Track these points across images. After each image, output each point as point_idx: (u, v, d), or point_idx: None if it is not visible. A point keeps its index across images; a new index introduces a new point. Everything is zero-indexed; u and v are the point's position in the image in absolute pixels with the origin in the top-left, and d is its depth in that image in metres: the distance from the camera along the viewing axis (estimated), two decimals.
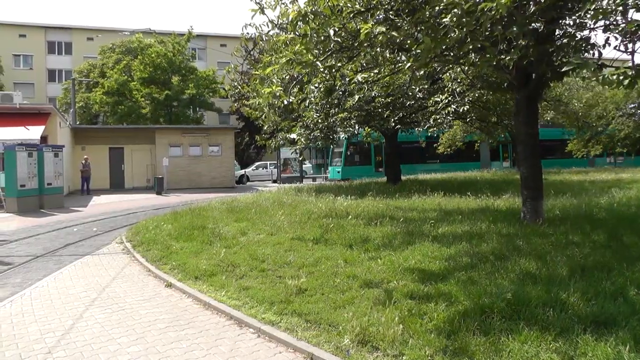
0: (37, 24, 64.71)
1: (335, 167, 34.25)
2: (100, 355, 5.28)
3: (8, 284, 8.77)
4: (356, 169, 33.16)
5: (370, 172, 32.61)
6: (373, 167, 34.27)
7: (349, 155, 33.80)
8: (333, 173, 34.36)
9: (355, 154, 34.32)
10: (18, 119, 25.03)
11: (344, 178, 31.50)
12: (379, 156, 33.65)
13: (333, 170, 34.49)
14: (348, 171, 32.89)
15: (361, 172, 31.79)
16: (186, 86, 44.41)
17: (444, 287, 5.98)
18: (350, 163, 33.81)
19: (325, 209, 12.09)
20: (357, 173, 31.56)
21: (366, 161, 34.49)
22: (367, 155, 34.53)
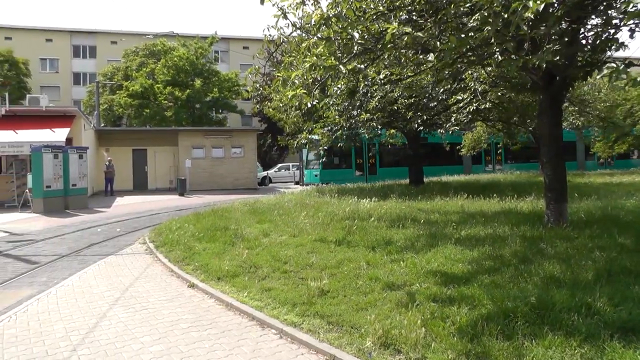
0: (63, 28, 65.78)
1: (313, 170, 32.40)
2: (124, 354, 5.34)
3: (35, 283, 8.92)
4: (336, 172, 31.48)
5: (351, 176, 31.04)
6: (354, 170, 32.49)
7: (327, 157, 31.80)
8: (310, 177, 32.60)
9: (334, 156, 32.26)
10: (44, 121, 25.42)
11: (323, 182, 29.92)
12: (360, 159, 32.48)
13: (310, 173, 32.73)
14: (327, 175, 31.15)
15: (341, 175, 30.49)
16: (209, 89, 44.70)
17: (466, 290, 5.93)
18: (329, 166, 31.98)
19: (347, 211, 12.05)
20: (336, 177, 30.10)
21: (346, 164, 32.51)
22: (348, 158, 32.35)
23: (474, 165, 35.68)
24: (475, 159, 35.74)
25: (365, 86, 12.01)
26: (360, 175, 31.43)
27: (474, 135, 28.15)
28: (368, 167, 32.51)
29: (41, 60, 63.79)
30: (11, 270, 10.05)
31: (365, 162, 32.21)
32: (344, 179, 28.59)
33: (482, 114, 19.06)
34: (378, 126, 19.73)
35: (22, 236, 14.52)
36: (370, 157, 32.51)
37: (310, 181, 32.00)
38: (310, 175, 32.39)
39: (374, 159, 32.49)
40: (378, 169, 32.60)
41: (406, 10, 7.94)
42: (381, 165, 32.80)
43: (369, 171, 32.37)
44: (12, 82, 50.69)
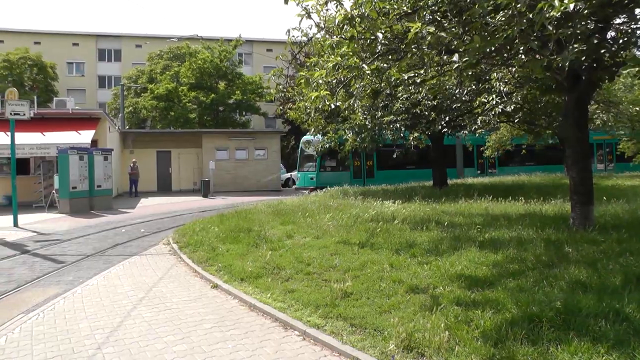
0: (89, 32, 66.77)
1: (308, 173, 30.69)
2: (147, 353, 5.38)
3: (61, 282, 9.06)
4: (332, 175, 29.90)
5: (347, 180, 28.89)
6: (351, 173, 30.72)
7: (324, 159, 30.08)
8: (305, 180, 30.93)
9: (331, 159, 30.29)
10: (70, 124, 25.85)
11: (319, 186, 28.22)
12: (357, 161, 30.74)
13: (304, 176, 31.03)
14: (324, 178, 29.59)
15: (338, 179, 28.65)
16: (232, 91, 44.96)
17: (490, 294, 5.87)
18: (326, 168, 30.32)
19: (371, 213, 12.00)
20: (333, 180, 28.37)
21: (344, 167, 30.71)
22: (345, 160, 30.20)
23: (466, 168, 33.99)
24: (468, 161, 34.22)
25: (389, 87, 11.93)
26: (357, 178, 29.94)
27: (498, 136, 27.76)
28: (366, 170, 31.11)
29: (68, 64, 64.90)
30: (39, 269, 10.24)
31: (363, 164, 30.79)
32: (342, 182, 26.94)
33: (507, 115, 18.83)
34: (402, 128, 19.57)
35: (49, 236, 14.75)
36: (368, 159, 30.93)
37: (305, 185, 30.68)
38: (305, 179, 30.92)
39: (372, 161, 30.99)
40: (376, 172, 31.22)
41: (430, 11, 7.90)
42: (379, 168, 31.29)
43: (366, 174, 31.04)
44: (40, 85, 51.66)
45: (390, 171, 29.96)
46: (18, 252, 12.13)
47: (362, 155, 29.27)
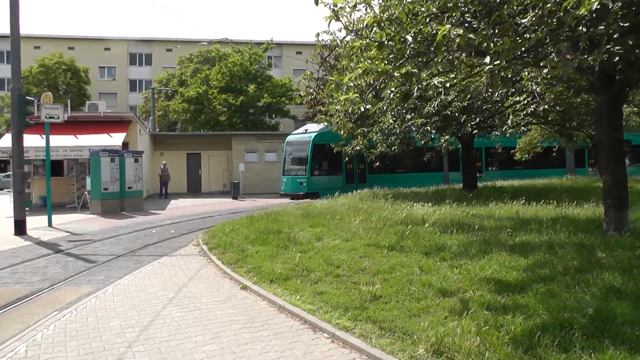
0: (120, 37, 67.91)
1: (296, 177, 27.19)
2: (177, 352, 5.43)
3: (93, 281, 9.22)
4: (324, 180, 27.15)
5: (340, 184, 26.67)
6: (344, 177, 27.97)
7: (315, 161, 27.09)
8: (292, 185, 27.35)
9: (322, 160, 27.55)
10: (102, 127, 26.30)
11: (310, 192, 26.01)
12: (350, 164, 27.78)
13: (291, 181, 27.43)
14: (315, 183, 26.78)
15: (330, 183, 26.56)
16: (262, 94, 45.20)
17: (521, 299, 5.77)
18: (317, 172, 27.28)
19: (401, 216, 11.92)
20: (325, 185, 26.40)
21: (335, 170, 27.84)
22: (337, 163, 27.50)
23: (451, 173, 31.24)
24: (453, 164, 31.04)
25: (419, 89, 11.84)
26: (350, 183, 27.23)
27: (529, 138, 27.29)
28: (358, 174, 28.60)
29: (100, 68, 66.14)
30: (72, 268, 10.45)
31: (355, 168, 28.21)
32: (334, 187, 24.98)
33: (538, 116, 18.53)
34: (432, 131, 19.36)
35: (82, 236, 15.01)
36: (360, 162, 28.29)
37: (292, 190, 27.19)
38: (292, 183, 27.34)
39: (363, 164, 28.29)
40: (367, 176, 28.60)
41: (459, 12, 7.81)
42: (371, 172, 28.59)
43: (358, 179, 28.43)
44: (74, 89, 52.66)
45: (382, 175, 27.83)
46: (52, 252, 12.40)
47: (355, 159, 26.65)
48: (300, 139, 28.03)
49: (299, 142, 27.82)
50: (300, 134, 28.70)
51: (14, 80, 16.52)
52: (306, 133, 27.94)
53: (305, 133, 28.11)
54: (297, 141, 28.19)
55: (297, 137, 28.62)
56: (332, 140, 24.13)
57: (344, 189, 23.77)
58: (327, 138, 25.56)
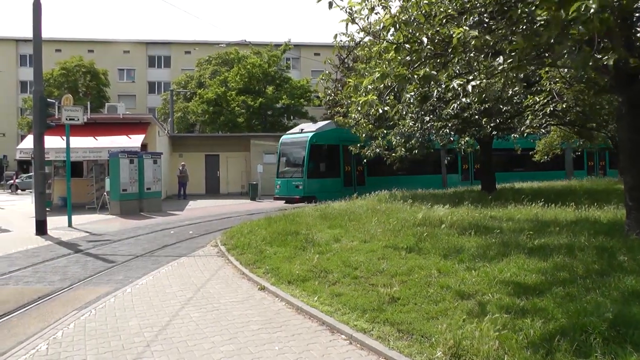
0: (139, 40, 68.64)
1: (292, 179, 25.52)
2: (195, 352, 5.46)
3: (112, 280, 9.32)
4: (322, 182, 25.35)
5: (338, 188, 25.26)
6: (342, 180, 26.28)
7: (312, 162, 25.23)
8: (287, 188, 25.67)
9: (319, 162, 25.83)
10: (121, 128, 26.56)
11: (306, 195, 24.48)
12: (348, 166, 26.36)
13: (287, 184, 25.81)
14: (312, 186, 24.95)
15: (327, 186, 24.98)
16: (280, 96, 45.31)
17: (540, 302, 5.71)
18: (315, 174, 25.38)
19: (419, 217, 11.86)
20: (322, 188, 24.69)
21: (333, 172, 26.25)
22: (335, 164, 26.16)
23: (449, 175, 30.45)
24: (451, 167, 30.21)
25: (438, 92, 11.75)
26: (348, 186, 25.82)
27: (548, 140, 26.89)
28: (356, 176, 27.08)
29: (119, 71, 66.93)
30: (91, 268, 10.57)
31: (353, 170, 26.73)
32: (332, 190, 23.98)
33: (558, 116, 18.29)
34: (451, 133, 19.19)
35: (101, 236, 15.15)
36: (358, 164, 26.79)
37: (287, 194, 25.52)
38: (287, 187, 25.64)
39: (362, 166, 26.87)
40: (366, 178, 27.28)
41: (477, 12, 7.75)
42: (370, 174, 27.40)
43: (357, 182, 26.98)
44: (93, 91, 53.30)
45: (381, 178, 26.41)
46: (72, 251, 12.54)
47: (352, 160, 25.96)
48: (296, 139, 26.47)
49: (295, 142, 26.28)
50: (295, 133, 27.14)
51: (36, 83, 16.76)
52: (302, 133, 26.33)
53: (301, 133, 26.52)
54: (292, 141, 26.70)
55: (292, 137, 27.07)
56: (330, 140, 23.89)
57: (342, 192, 22.91)
58: (325, 138, 24.86)
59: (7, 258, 11.88)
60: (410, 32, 7.12)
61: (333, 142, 24.49)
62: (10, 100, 64.07)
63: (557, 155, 28.28)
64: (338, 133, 25.26)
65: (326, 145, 24.55)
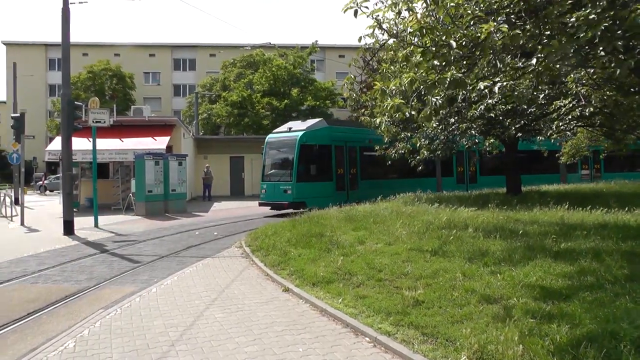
0: (165, 43, 69.50)
1: (279, 183, 22.48)
2: (219, 352, 5.49)
3: (137, 280, 9.45)
4: (313, 187, 22.36)
5: (330, 192, 22.63)
6: (334, 183, 23.30)
7: (302, 165, 22.22)
8: (274, 193, 22.57)
9: (310, 164, 22.81)
10: (147, 131, 26.87)
11: (296, 201, 21.71)
12: (341, 168, 23.54)
13: (273, 188, 22.65)
14: (302, 190, 21.88)
15: (319, 191, 22.29)
16: (305, 97, 45.37)
17: (567, 307, 5.62)
18: (305, 177, 22.28)
19: (444, 220, 11.77)
20: (313, 193, 22.02)
21: (325, 175, 23.17)
22: (326, 166, 23.20)
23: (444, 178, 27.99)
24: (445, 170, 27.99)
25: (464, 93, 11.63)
26: (341, 191, 23.37)
27: (575, 142, 26.44)
28: (349, 179, 24.25)
29: (145, 74, 67.73)
30: (117, 268, 10.71)
31: (347, 173, 23.96)
32: (324, 195, 21.87)
33: (585, 117, 17.99)
34: (476, 134, 18.96)
35: (126, 237, 15.33)
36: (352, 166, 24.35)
37: (274, 199, 22.54)
38: (274, 191, 22.62)
39: (355, 169, 24.44)
40: (360, 181, 24.81)
41: (504, 13, 7.66)
42: (363, 177, 25.00)
43: (350, 186, 24.22)
44: (119, 94, 54.07)
45: (375, 181, 24.75)
46: (98, 251, 12.71)
47: (346, 162, 23.65)
48: (284, 138, 23.47)
49: (283, 142, 23.36)
50: (283, 132, 24.13)
51: (64, 87, 17.09)
52: (291, 132, 23.38)
53: (289, 132, 23.50)
54: (280, 141, 23.67)
55: (280, 136, 24.00)
56: (321, 140, 22.14)
57: (335, 197, 21.56)
58: (316, 138, 22.53)
59: (37, 257, 12.12)
60: (437, 35, 7.07)
61: (325, 142, 22.50)
62: (40, 103, 65.17)
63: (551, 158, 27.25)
64: (330, 132, 23.49)
65: (317, 146, 22.36)
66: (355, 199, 21.68)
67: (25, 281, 9.70)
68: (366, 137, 23.73)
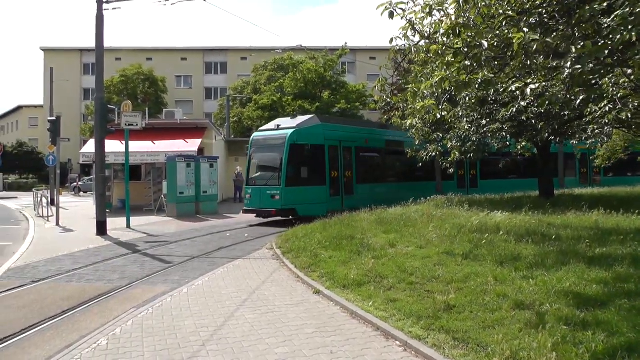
0: (196, 47, 70.18)
1: (266, 188, 19.68)
2: (250, 353, 5.52)
3: (169, 281, 9.54)
4: (304, 192, 19.65)
5: (323, 198, 20.07)
6: (327, 188, 20.40)
7: (292, 167, 19.55)
8: (260, 199, 19.72)
9: (301, 166, 19.97)
10: (178, 133, 27.17)
11: (285, 208, 19.10)
12: (335, 171, 20.83)
13: (259, 193, 19.84)
14: (292, 196, 19.18)
15: (311, 197, 19.70)
16: (336, 100, 45.34)
17: (602, 314, 5.50)
18: (296, 181, 19.54)
19: (475, 223, 11.63)
20: (305, 199, 19.48)
21: (318, 179, 20.24)
22: (319, 169, 20.31)
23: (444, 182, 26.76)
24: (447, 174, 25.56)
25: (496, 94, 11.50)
26: (335, 196, 20.70)
27: (610, 144, 25.83)
28: (344, 183, 21.35)
29: (176, 78, 68.58)
30: (148, 268, 10.84)
31: (341, 177, 21.12)
32: (316, 201, 19.75)
33: (622, 121, 17.57)
34: (507, 136, 18.65)
35: (158, 237, 15.51)
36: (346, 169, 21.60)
37: (259, 206, 19.79)
38: (260, 197, 19.76)
39: (351, 172, 21.77)
40: (355, 185, 21.97)
41: (537, 13, 7.53)
42: (359, 181, 22.18)
43: (344, 190, 21.32)
44: (151, 97, 54.84)
45: (371, 185, 22.74)
46: (130, 252, 12.89)
47: (340, 163, 21.06)
48: (271, 137, 20.70)
49: (270, 141, 20.61)
50: (270, 130, 21.35)
51: (98, 90, 17.43)
52: (279, 129, 20.60)
53: (277, 129, 20.72)
54: (267, 140, 20.93)
55: (267, 134, 21.23)
56: (313, 139, 19.72)
57: (329, 203, 19.86)
58: (308, 136, 19.83)
59: (71, 256, 12.36)
60: (469, 35, 7.00)
61: (317, 142, 19.91)
62: (75, 107, 66.46)
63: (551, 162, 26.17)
64: (323, 130, 20.70)
65: (309, 146, 19.67)
66: (350, 205, 19.82)
67: (60, 280, 9.89)
68: (363, 136, 22.41)
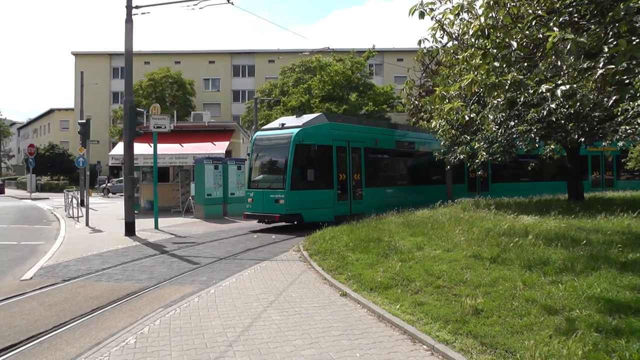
0: (224, 50, 70.70)
1: (270, 191, 18.28)
2: (276, 354, 5.53)
3: (196, 281, 9.60)
4: (310, 195, 18.43)
5: (330, 203, 18.84)
6: (334, 192, 19.04)
7: (297, 169, 18.24)
8: (262, 203, 18.34)
9: (307, 168, 18.59)
10: (206, 136, 27.38)
11: (289, 213, 17.88)
12: (343, 173, 19.47)
13: (262, 197, 18.43)
14: (297, 200, 17.97)
15: (317, 201, 18.50)
16: (364, 102, 45.27)
17: (636, 322, 5.37)
18: (301, 184, 18.23)
19: (503, 227, 11.49)
20: (310, 203, 18.30)
21: (325, 182, 18.89)
22: (326, 172, 18.98)
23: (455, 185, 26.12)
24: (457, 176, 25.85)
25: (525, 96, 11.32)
26: (342, 200, 19.37)
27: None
28: (352, 186, 19.98)
29: (204, 81, 69.21)
30: (176, 268, 10.94)
31: (350, 180, 19.77)
32: (323, 206, 18.61)
33: None
34: (536, 138, 18.33)
35: (185, 239, 15.64)
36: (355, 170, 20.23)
37: (261, 211, 18.37)
38: (263, 201, 18.39)
39: (359, 175, 20.41)
40: (364, 189, 20.58)
41: (567, 12, 7.41)
42: (367, 184, 20.78)
43: (352, 194, 19.96)
44: (180, 100, 55.43)
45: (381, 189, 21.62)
46: (158, 252, 13.02)
47: (349, 165, 19.79)
48: (275, 136, 19.32)
49: (275, 141, 19.24)
50: (274, 129, 19.93)
51: (126, 94, 17.66)
52: (284, 128, 19.29)
53: (282, 129, 19.39)
54: (270, 140, 19.51)
55: (271, 134, 19.74)
56: (320, 139, 18.56)
57: (336, 208, 18.89)
58: (314, 136, 18.56)
59: (100, 256, 12.55)
60: (498, 36, 6.93)
61: (325, 142, 18.78)
62: (104, 110, 67.48)
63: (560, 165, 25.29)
64: (331, 129, 19.41)
65: (316, 146, 18.41)
66: (358, 210, 19.23)
67: (89, 279, 10.05)
68: (372, 136, 21.31)
